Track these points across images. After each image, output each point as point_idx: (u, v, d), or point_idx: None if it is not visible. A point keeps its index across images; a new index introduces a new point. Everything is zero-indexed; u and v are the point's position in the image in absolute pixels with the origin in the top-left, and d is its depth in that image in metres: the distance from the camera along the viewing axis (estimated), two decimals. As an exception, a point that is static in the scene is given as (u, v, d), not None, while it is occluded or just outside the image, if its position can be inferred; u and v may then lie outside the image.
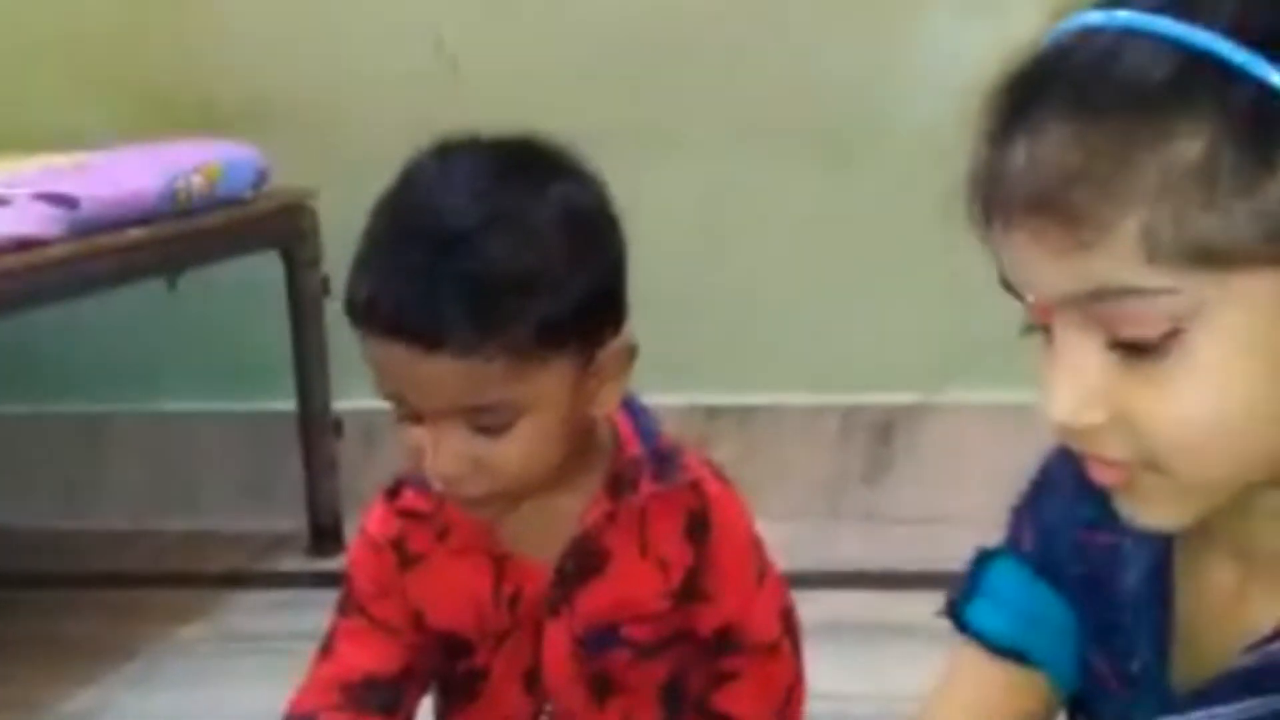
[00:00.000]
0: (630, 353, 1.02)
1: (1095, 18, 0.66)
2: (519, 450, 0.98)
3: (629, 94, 2.15)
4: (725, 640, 1.11)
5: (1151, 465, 0.66)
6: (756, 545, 1.12)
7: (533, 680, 1.10)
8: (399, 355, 0.95)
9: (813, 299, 2.19)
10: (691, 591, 1.09)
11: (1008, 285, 0.68)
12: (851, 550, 2.07)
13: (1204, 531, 0.73)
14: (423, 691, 1.14)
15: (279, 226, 2.09)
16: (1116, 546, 0.77)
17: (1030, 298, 0.67)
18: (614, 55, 2.17)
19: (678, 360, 2.24)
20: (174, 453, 2.35)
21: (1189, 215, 0.62)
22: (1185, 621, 0.75)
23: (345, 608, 1.12)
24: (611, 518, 1.07)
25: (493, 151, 1.00)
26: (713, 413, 2.20)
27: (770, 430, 2.21)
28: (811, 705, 1.16)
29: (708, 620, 1.10)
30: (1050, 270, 0.65)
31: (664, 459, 1.09)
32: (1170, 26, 0.64)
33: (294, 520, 2.18)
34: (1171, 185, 0.62)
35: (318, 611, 1.19)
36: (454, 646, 1.11)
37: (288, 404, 2.16)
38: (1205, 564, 0.74)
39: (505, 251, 0.95)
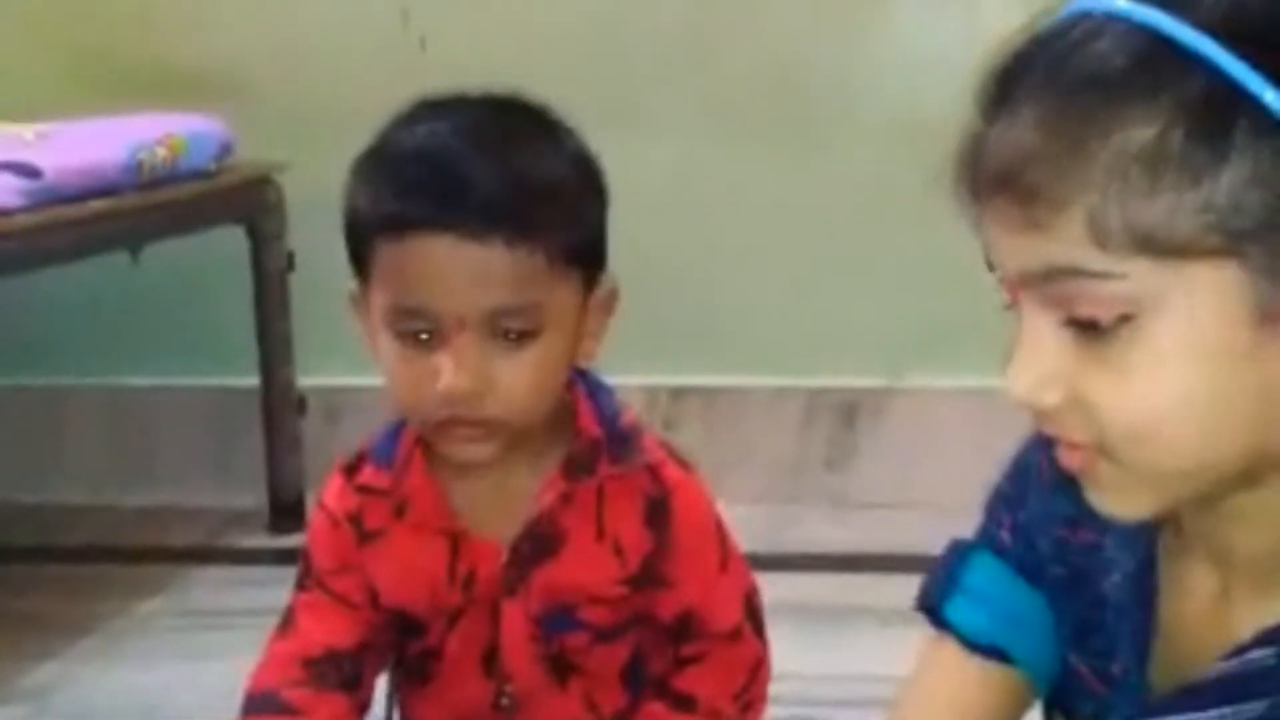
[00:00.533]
0: (615, 294, 1.07)
1: (1088, 2, 0.66)
2: (531, 372, 1.00)
3: (597, 73, 2.14)
4: (686, 626, 1.11)
5: (1105, 452, 0.67)
6: (719, 530, 1.12)
7: (490, 662, 1.10)
8: (442, 252, 0.96)
9: (779, 281, 2.19)
10: (650, 578, 1.09)
11: (990, 263, 0.69)
12: (814, 533, 2.07)
13: (1184, 536, 0.73)
14: (380, 668, 1.14)
15: (243, 200, 2.08)
16: (1098, 546, 0.77)
17: (999, 274, 0.68)
18: (582, 34, 2.16)
19: (643, 341, 2.24)
20: (134, 427, 2.33)
21: (1136, 202, 0.63)
22: (1166, 625, 0.75)
23: (304, 582, 1.12)
24: (567, 499, 1.07)
25: (489, 98, 1.05)
26: (677, 394, 2.20)
27: (734, 412, 2.21)
28: (774, 686, 1.16)
29: (668, 606, 1.10)
30: (1011, 247, 0.66)
31: (622, 440, 1.09)
32: (1144, 13, 0.64)
33: (255, 497, 2.17)
34: (1120, 171, 0.63)
35: (278, 588, 1.18)
36: (406, 625, 1.11)
37: (251, 380, 2.15)
38: (1187, 569, 0.74)
39: (544, 157, 1.01)
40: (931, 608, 0.86)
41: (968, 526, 0.90)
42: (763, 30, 2.12)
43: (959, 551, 0.87)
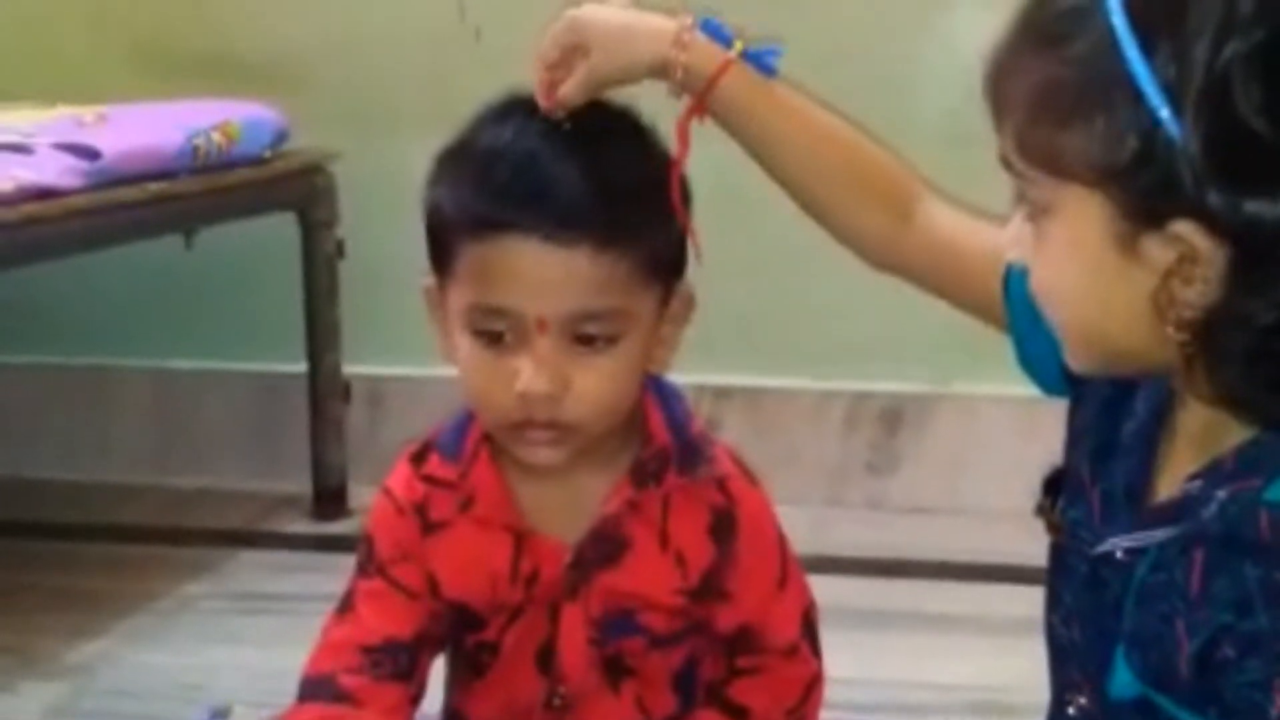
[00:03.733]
0: (691, 300, 1.06)
1: None
2: (608, 376, 1.00)
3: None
4: (743, 639, 1.11)
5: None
6: (781, 547, 1.12)
7: (546, 661, 1.09)
8: (528, 254, 0.96)
9: (826, 284, 2.18)
10: (711, 590, 1.08)
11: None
12: (854, 537, 2.07)
13: (1176, 418, 0.85)
14: (434, 659, 1.14)
15: (296, 187, 2.08)
16: (1132, 393, 0.88)
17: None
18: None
19: (688, 339, 2.23)
20: (182, 410, 2.35)
21: (1038, 125, 0.77)
22: (1156, 482, 0.86)
23: (366, 568, 1.11)
24: (634, 506, 1.06)
25: (588, 107, 1.04)
26: (721, 393, 2.20)
27: (778, 414, 2.21)
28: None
29: (726, 619, 1.09)
30: (999, 141, 0.82)
31: (692, 450, 1.08)
32: None
33: (299, 482, 2.18)
34: (1033, 95, 0.77)
35: (319, 575, 1.19)
36: (465, 618, 1.10)
37: (298, 366, 2.16)
38: (1183, 442, 0.85)
39: (633, 162, 1.01)
40: None
41: (1009, 534, 0.90)
42: (819, 30, 2.11)
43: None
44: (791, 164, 1.02)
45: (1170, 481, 0.84)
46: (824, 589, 1.15)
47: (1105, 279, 0.78)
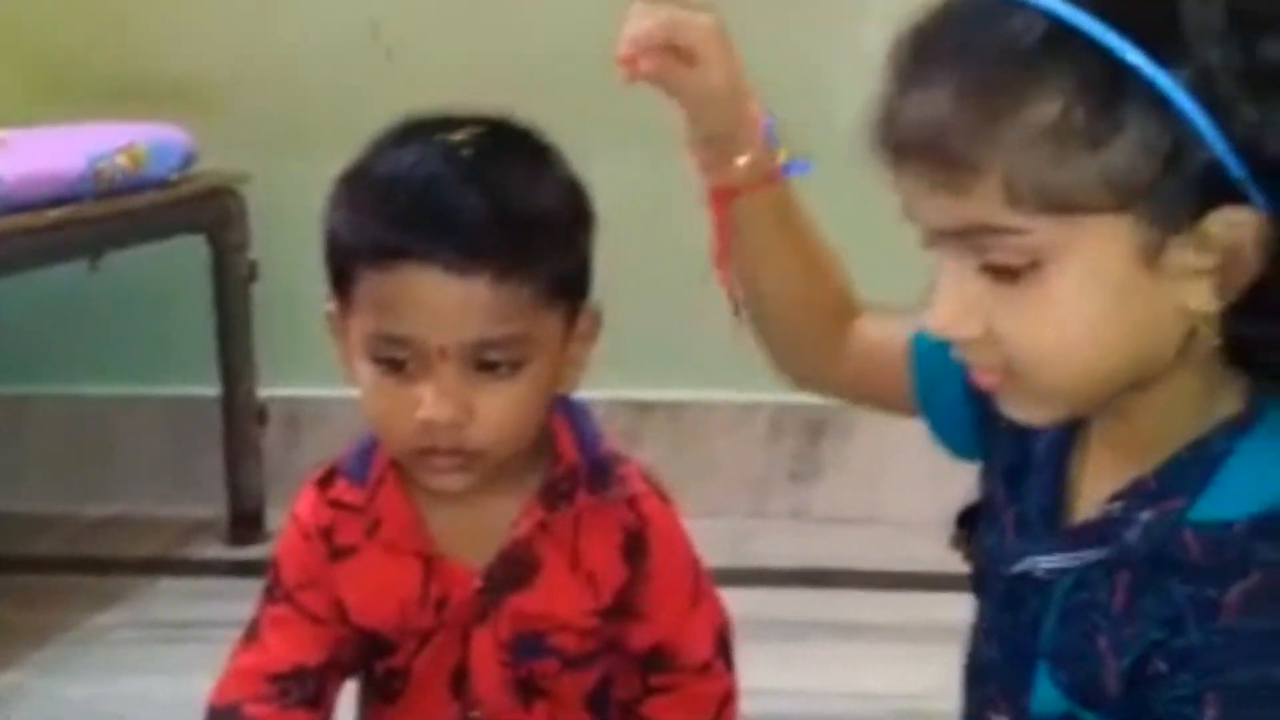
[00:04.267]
0: (599, 319, 1.06)
1: None
2: (512, 402, 0.99)
3: (563, 85, 2.14)
4: (657, 658, 1.10)
5: (1013, 375, 0.77)
6: (694, 565, 1.11)
7: (459, 684, 1.09)
8: (427, 284, 0.95)
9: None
10: (623, 610, 1.08)
11: (907, 215, 0.78)
12: (777, 547, 2.07)
13: (1093, 426, 0.84)
14: (341, 685, 1.13)
15: (205, 210, 2.06)
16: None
17: (918, 227, 0.77)
18: (550, 45, 2.15)
19: (608, 354, 2.23)
20: (94, 437, 2.31)
21: (1043, 168, 0.72)
22: (1073, 494, 0.84)
23: (273, 594, 1.10)
24: (544, 528, 1.06)
25: (479, 120, 1.03)
26: (642, 408, 2.20)
27: (700, 426, 2.21)
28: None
29: (639, 638, 1.09)
30: (929, 206, 0.76)
31: (602, 469, 1.07)
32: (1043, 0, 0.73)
33: (215, 508, 2.15)
34: (1030, 141, 0.72)
35: (238, 600, 1.17)
36: (375, 644, 1.09)
37: (211, 390, 2.14)
38: (1093, 451, 0.84)
39: (535, 188, 1.00)
40: None
41: (932, 543, 0.91)
42: (740, 42, 2.12)
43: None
44: (774, 279, 0.98)
45: (1088, 496, 0.83)
46: (747, 600, 1.15)
47: (1135, 302, 0.74)
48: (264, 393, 2.15)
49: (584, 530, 1.06)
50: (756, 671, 1.15)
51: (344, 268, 1.00)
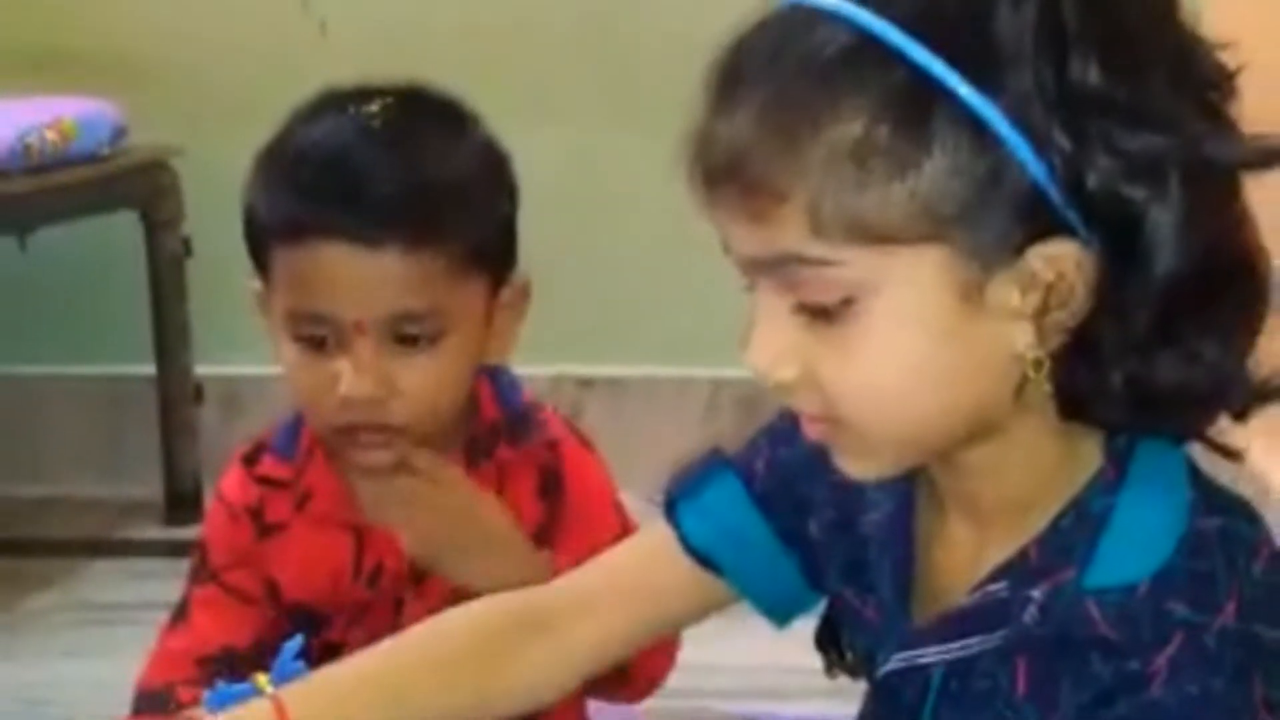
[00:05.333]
0: (526, 289, 1.05)
1: (809, 1, 0.69)
2: (434, 375, 0.98)
3: (499, 59, 2.13)
4: None
5: (838, 422, 0.72)
6: (616, 505, 1.11)
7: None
8: (337, 258, 0.94)
9: (686, 271, 2.18)
10: (543, 548, 1.07)
11: (725, 247, 0.72)
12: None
13: (936, 489, 0.77)
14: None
15: (137, 185, 2.04)
16: (861, 489, 0.80)
17: (733, 258, 0.72)
18: (483, 20, 2.14)
19: (549, 330, 2.22)
20: (25, 417, 2.28)
21: (849, 194, 0.66)
22: (928, 567, 0.79)
23: (200, 575, 1.10)
24: None
25: (395, 90, 1.02)
26: (584, 384, 2.20)
27: (640, 402, 2.21)
28: (671, 678, 1.15)
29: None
30: (740, 235, 0.70)
31: (520, 420, 1.07)
32: (849, 10, 0.67)
33: (150, 488, 2.13)
34: (832, 163, 0.66)
35: (174, 581, 1.16)
36: (308, 620, 1.08)
37: (146, 368, 2.11)
38: (943, 517, 0.78)
39: (448, 157, 0.98)
40: (669, 503, 0.89)
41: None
42: (665, 15, 2.11)
43: (711, 465, 0.89)
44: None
45: (947, 568, 0.77)
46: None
47: (957, 343, 0.69)
48: (200, 371, 2.13)
49: (508, 481, 1.06)
50: (694, 646, 1.15)
51: (261, 245, 0.99)
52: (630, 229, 2.18)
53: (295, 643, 0.83)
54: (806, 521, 0.85)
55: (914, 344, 0.69)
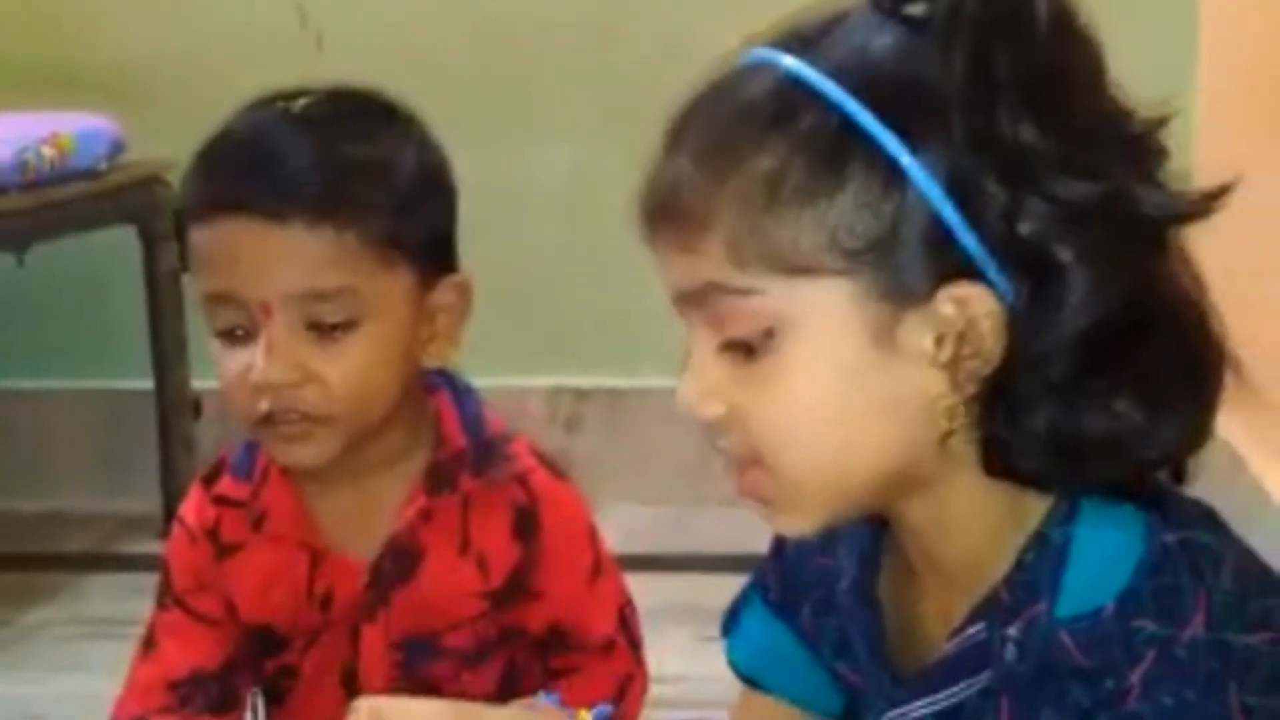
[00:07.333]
0: (467, 289, 1.02)
1: (755, 53, 0.73)
2: (354, 363, 0.96)
3: (497, 73, 2.13)
4: (558, 638, 1.08)
5: (761, 464, 0.72)
6: (592, 539, 1.09)
7: (351, 683, 1.06)
8: (242, 234, 0.93)
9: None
10: (517, 590, 1.06)
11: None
12: (713, 534, 2.08)
13: (898, 549, 0.78)
14: (251, 682, 1.09)
15: (135, 200, 2.04)
16: (839, 562, 0.82)
17: (669, 294, 0.73)
18: (482, 34, 2.15)
19: (546, 342, 2.23)
20: (24, 431, 2.29)
21: (764, 223, 0.69)
22: (906, 624, 0.79)
23: (164, 600, 1.09)
24: (427, 515, 1.04)
25: (335, 89, 1.02)
26: (581, 395, 2.20)
27: (638, 413, 2.21)
28: (664, 688, 1.14)
29: (537, 618, 1.07)
30: (671, 269, 0.72)
31: (488, 450, 1.05)
32: (784, 59, 0.70)
33: (148, 502, 2.13)
34: (749, 192, 0.69)
35: (172, 596, 1.16)
36: (267, 641, 1.07)
37: (144, 383, 2.11)
38: (911, 574, 0.78)
39: (363, 139, 0.97)
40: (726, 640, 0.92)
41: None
42: (662, 25, 2.12)
43: (747, 587, 0.91)
44: None
45: (919, 623, 0.78)
46: (687, 586, 1.15)
47: (871, 384, 0.69)
48: (198, 385, 2.13)
49: (473, 513, 1.04)
50: (693, 659, 1.15)
51: (183, 234, 0.99)
52: (629, 241, 2.18)
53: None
54: (804, 610, 0.85)
55: (828, 382, 0.70)
